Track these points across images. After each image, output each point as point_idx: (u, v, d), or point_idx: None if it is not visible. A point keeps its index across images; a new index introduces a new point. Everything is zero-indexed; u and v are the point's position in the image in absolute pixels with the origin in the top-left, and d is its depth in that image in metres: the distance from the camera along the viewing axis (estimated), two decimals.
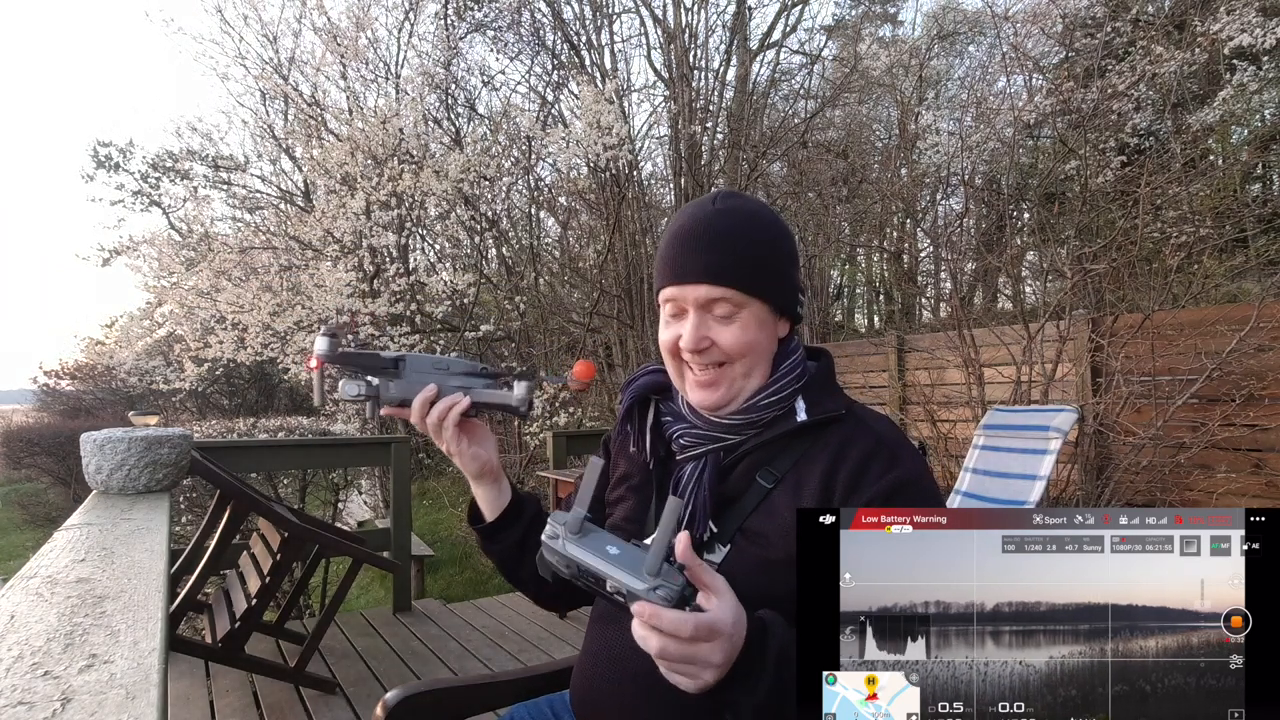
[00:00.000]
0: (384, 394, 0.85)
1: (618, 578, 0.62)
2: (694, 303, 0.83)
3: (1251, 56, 5.44)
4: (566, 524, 0.67)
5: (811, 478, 0.81)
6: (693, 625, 0.60)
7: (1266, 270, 5.09)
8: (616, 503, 0.97)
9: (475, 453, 0.92)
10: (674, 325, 0.86)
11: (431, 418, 0.87)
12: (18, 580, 0.89)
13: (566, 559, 0.66)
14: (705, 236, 0.83)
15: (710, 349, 0.83)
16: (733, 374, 0.84)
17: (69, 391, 15.48)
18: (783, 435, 0.84)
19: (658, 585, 0.60)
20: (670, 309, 0.86)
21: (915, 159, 7.41)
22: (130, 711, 0.54)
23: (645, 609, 0.60)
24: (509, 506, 0.97)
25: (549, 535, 0.67)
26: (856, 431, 0.83)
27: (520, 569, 0.98)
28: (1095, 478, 3.69)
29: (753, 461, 0.85)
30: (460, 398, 0.87)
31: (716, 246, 0.83)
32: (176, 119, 27.13)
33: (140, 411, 11.12)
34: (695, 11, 8.58)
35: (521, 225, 9.37)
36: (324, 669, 2.70)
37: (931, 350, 4.92)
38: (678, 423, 0.89)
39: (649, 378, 0.95)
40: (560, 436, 4.04)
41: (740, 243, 0.83)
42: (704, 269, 0.82)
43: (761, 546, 0.80)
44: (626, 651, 0.86)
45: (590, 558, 0.64)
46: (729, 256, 0.82)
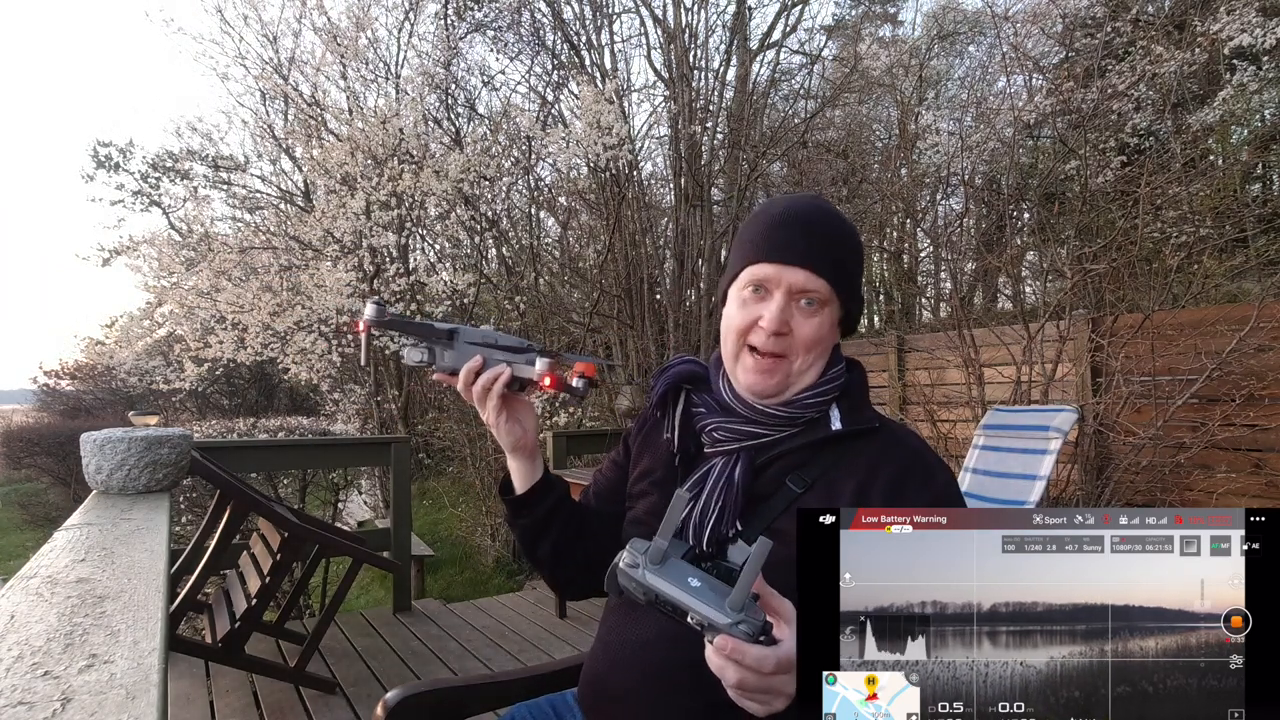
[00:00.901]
0: (438, 361, 0.90)
1: (701, 611, 0.63)
2: (787, 286, 0.84)
3: (1251, 56, 5.44)
4: (648, 553, 0.67)
5: (844, 488, 0.82)
6: (774, 662, 0.61)
7: (1266, 270, 5.09)
8: (639, 496, 0.97)
9: (512, 426, 0.93)
10: (753, 306, 0.86)
11: (477, 387, 0.90)
12: (18, 580, 0.89)
13: (645, 588, 0.66)
14: (812, 224, 0.85)
15: (788, 335, 0.84)
16: (792, 366, 0.85)
17: (69, 391, 15.48)
18: (816, 442, 0.85)
19: (740, 620, 0.62)
20: (752, 289, 0.86)
21: (915, 159, 7.41)
22: (130, 711, 0.54)
23: (728, 644, 0.61)
24: (539, 482, 0.97)
25: (628, 563, 0.68)
26: (892, 446, 0.85)
27: (541, 545, 0.99)
28: (1095, 478, 3.69)
29: (784, 465, 0.86)
30: (503, 369, 0.89)
31: (823, 238, 0.84)
32: (176, 119, 27.15)
33: (140, 411, 11.11)
34: (695, 11, 8.58)
35: (521, 225, 9.37)
36: (324, 669, 2.70)
37: (931, 350, 4.91)
38: (711, 415, 0.89)
39: (684, 367, 0.95)
40: (560, 436, 4.04)
41: (841, 244, 0.85)
42: (808, 253, 0.83)
43: (788, 545, 0.81)
44: (641, 644, 0.87)
45: (672, 589, 0.65)
46: (832, 252, 0.84)
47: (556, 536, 0.98)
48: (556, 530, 0.97)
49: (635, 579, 0.67)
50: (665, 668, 0.83)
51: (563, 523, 0.98)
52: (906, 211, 8.38)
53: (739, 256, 0.89)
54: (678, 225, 7.91)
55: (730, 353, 0.89)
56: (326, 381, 7.46)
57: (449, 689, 1.04)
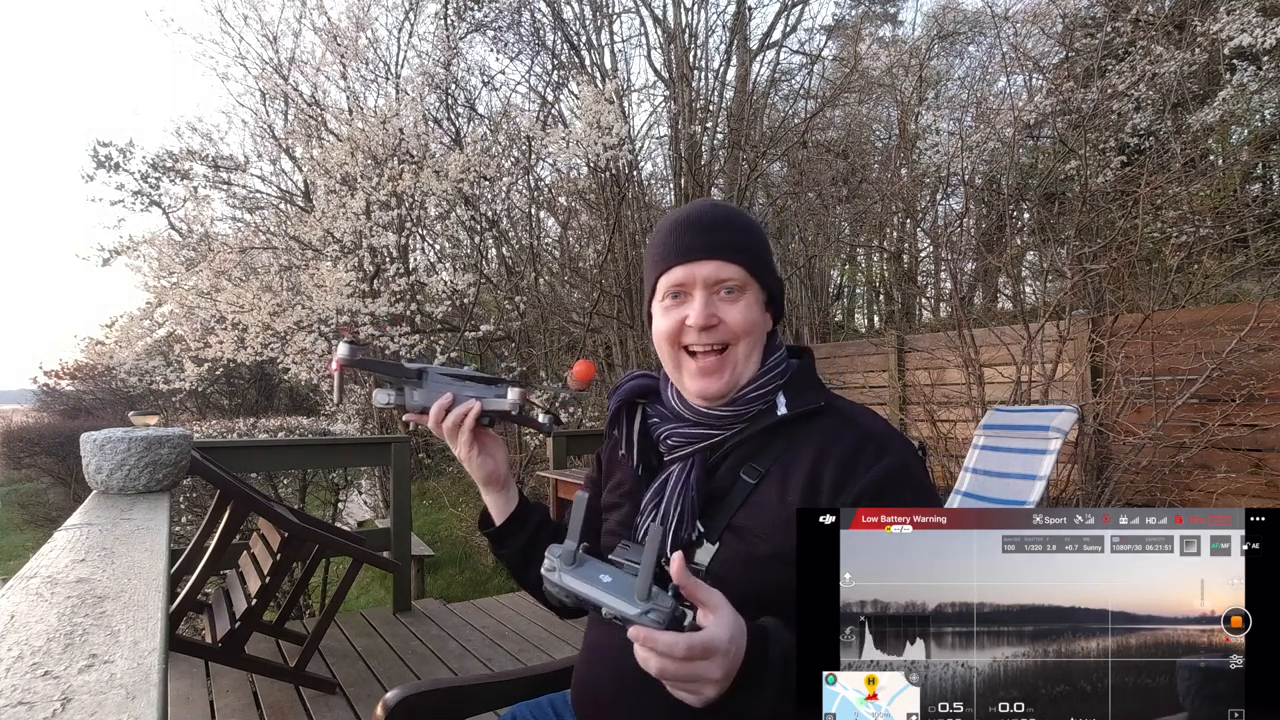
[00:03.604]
0: (408, 401, 0.92)
1: (611, 604, 0.66)
2: (702, 281, 0.84)
3: (1251, 56, 5.44)
4: (561, 556, 0.71)
5: (797, 471, 0.82)
6: (685, 646, 0.61)
7: (1266, 270, 5.09)
8: (611, 509, 0.98)
9: (484, 460, 0.96)
10: (675, 310, 0.87)
11: (447, 423, 0.91)
12: (18, 580, 0.89)
13: (564, 589, 0.70)
14: (708, 220, 0.87)
15: (718, 327, 0.84)
16: (735, 356, 0.86)
17: (69, 391, 15.49)
18: (764, 430, 0.86)
19: (649, 610, 0.63)
20: (670, 294, 0.87)
21: (915, 159, 7.41)
22: (130, 711, 0.54)
23: (640, 633, 0.62)
24: (514, 512, 1.00)
25: (547, 568, 0.71)
26: (840, 425, 0.85)
27: (527, 573, 1.00)
28: (1095, 478, 3.68)
29: (737, 458, 0.86)
30: (473, 404, 0.92)
31: (721, 228, 0.86)
32: (176, 119, 27.18)
33: (140, 411, 11.11)
34: (695, 11, 8.59)
35: (521, 225, 9.37)
36: (324, 669, 2.70)
37: (931, 350, 4.91)
38: (665, 423, 0.91)
39: (635, 382, 0.96)
40: (560, 437, 4.04)
41: (738, 229, 0.87)
42: (712, 246, 0.85)
43: (748, 543, 0.81)
44: (625, 650, 0.86)
45: (585, 587, 0.68)
46: (734, 236, 0.86)
47: (540, 561, 0.98)
48: (540, 556, 0.97)
49: (554, 581, 0.70)
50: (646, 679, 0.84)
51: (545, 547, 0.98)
52: (906, 211, 8.38)
53: (650, 273, 0.91)
54: None
55: (670, 363, 0.90)
56: (326, 381, 7.46)
57: (449, 689, 1.04)
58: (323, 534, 2.60)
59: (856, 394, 5.05)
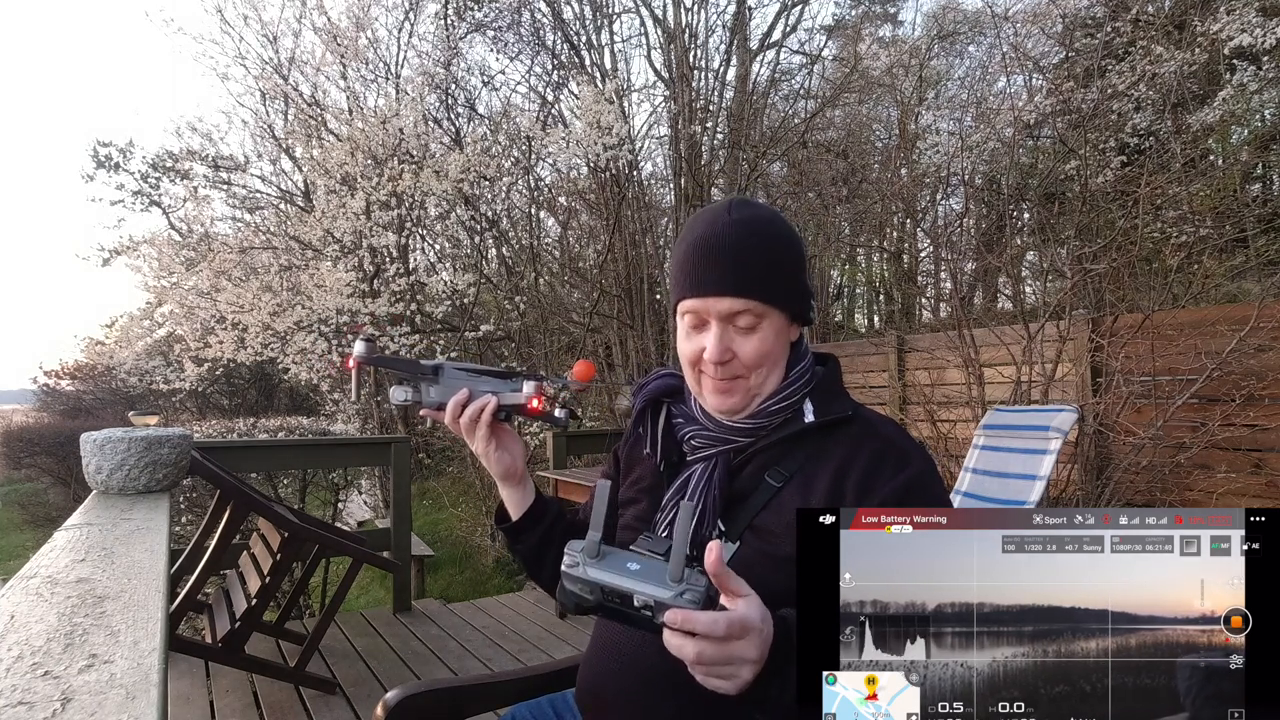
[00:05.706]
0: (425, 398, 0.93)
1: (644, 590, 0.63)
2: (716, 315, 0.84)
3: (1251, 56, 5.44)
4: (584, 549, 0.68)
5: (821, 477, 0.83)
6: (725, 623, 0.61)
7: (1266, 270, 5.09)
8: (628, 504, 0.99)
9: (500, 455, 0.96)
10: (695, 337, 0.87)
11: (464, 419, 0.92)
12: (18, 580, 0.89)
13: (589, 583, 0.67)
14: (725, 248, 0.84)
15: (732, 361, 0.85)
16: (748, 384, 0.86)
17: (69, 391, 15.47)
18: (791, 436, 0.86)
19: (684, 590, 0.62)
20: (690, 320, 0.87)
21: (915, 159, 7.41)
22: (130, 711, 0.54)
23: (677, 615, 0.61)
24: (531, 507, 1.00)
25: (568, 564, 0.68)
26: (865, 434, 0.85)
27: (542, 569, 1.01)
28: (1095, 478, 3.68)
29: (761, 461, 0.87)
30: (489, 398, 0.92)
31: (737, 258, 0.83)
32: (176, 119, 27.15)
33: (140, 411, 11.10)
34: (695, 11, 8.59)
35: (521, 225, 9.36)
36: (324, 669, 2.70)
37: (931, 350, 4.91)
38: (689, 424, 0.92)
39: (661, 381, 0.97)
40: (560, 436, 4.04)
41: (759, 253, 0.84)
42: (726, 282, 0.83)
43: (769, 542, 0.82)
44: (634, 645, 0.88)
45: (613, 577, 0.66)
46: (750, 269, 0.83)
47: (556, 558, 0.98)
48: (555, 552, 0.98)
49: (577, 576, 0.67)
50: (655, 671, 0.84)
51: (560, 544, 0.99)
52: (906, 211, 8.38)
53: (673, 286, 0.90)
54: (678, 225, 7.92)
55: (691, 379, 0.91)
56: (326, 381, 7.46)
57: (449, 689, 1.04)
58: (323, 534, 2.60)
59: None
